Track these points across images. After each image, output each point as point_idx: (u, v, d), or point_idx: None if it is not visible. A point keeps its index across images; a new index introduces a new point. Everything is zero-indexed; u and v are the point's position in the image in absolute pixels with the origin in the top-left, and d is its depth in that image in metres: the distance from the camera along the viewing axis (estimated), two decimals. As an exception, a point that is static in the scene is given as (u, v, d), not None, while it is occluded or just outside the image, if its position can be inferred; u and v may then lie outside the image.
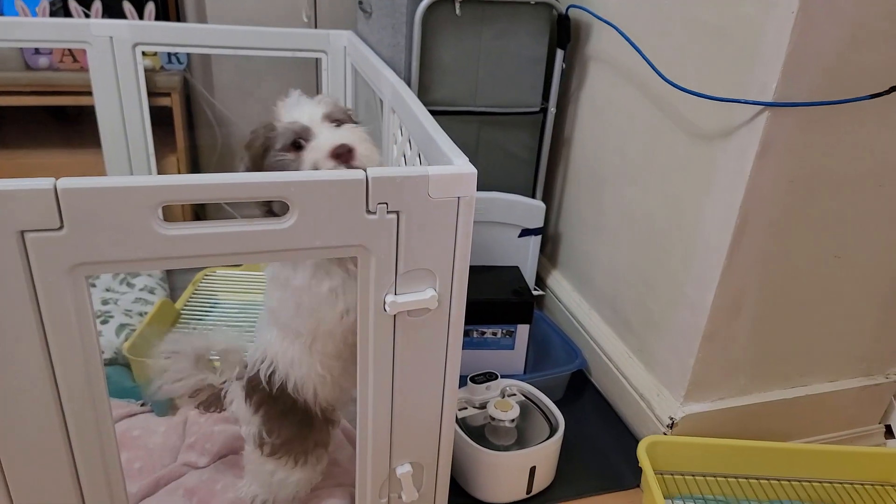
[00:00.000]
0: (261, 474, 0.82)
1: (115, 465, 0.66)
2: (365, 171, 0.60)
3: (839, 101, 0.80)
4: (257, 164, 0.72)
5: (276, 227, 0.59)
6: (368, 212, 0.62)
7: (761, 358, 1.01)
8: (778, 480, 1.00)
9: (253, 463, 0.83)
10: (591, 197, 1.23)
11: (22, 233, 0.51)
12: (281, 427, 0.79)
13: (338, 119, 0.73)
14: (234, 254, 0.59)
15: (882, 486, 1.00)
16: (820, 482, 1.00)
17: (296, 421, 0.79)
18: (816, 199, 0.88)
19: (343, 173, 0.60)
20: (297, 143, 0.71)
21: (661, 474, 0.98)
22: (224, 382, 0.85)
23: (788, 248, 0.91)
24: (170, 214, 1.52)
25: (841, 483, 1.00)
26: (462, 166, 0.65)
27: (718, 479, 0.99)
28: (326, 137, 0.70)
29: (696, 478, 0.99)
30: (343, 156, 0.68)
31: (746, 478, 1.00)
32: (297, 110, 0.72)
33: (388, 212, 0.62)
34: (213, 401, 0.87)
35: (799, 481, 1.00)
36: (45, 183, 0.50)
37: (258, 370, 0.79)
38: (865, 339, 1.06)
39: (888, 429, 1.14)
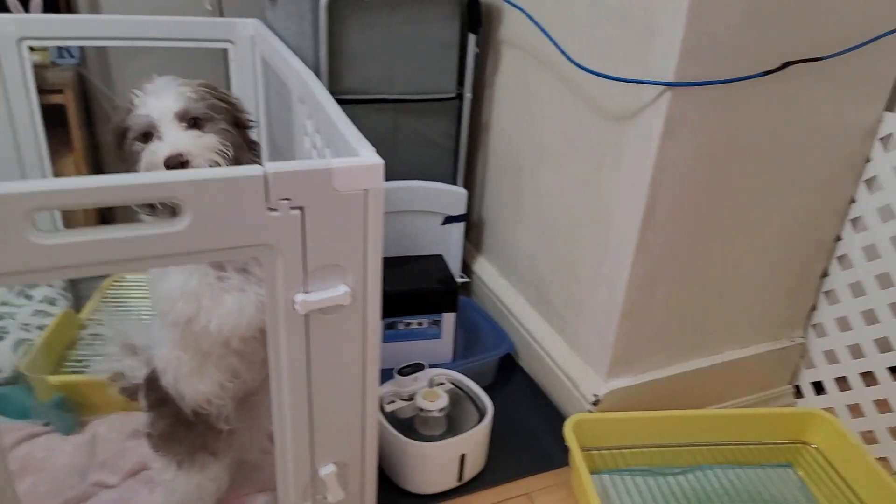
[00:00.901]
0: (156, 473, 0.80)
1: (10, 496, 0.61)
2: (263, 165, 0.58)
3: (734, 80, 0.83)
4: (117, 144, 0.70)
5: (169, 230, 0.56)
6: (270, 209, 0.59)
7: (678, 331, 1.04)
8: (698, 446, 1.04)
9: (150, 460, 0.80)
10: (512, 182, 1.24)
11: None
12: (158, 418, 0.77)
13: (195, 116, 0.69)
14: (123, 261, 0.55)
15: (794, 444, 1.06)
16: (738, 444, 1.05)
17: (171, 414, 0.76)
18: (721, 175, 0.92)
19: (238, 170, 0.57)
20: (147, 135, 0.68)
21: (588, 450, 1.00)
22: (139, 379, 0.81)
23: (697, 222, 0.94)
24: (72, 218, 1.42)
25: (757, 444, 1.05)
26: (368, 157, 0.63)
27: (643, 450, 1.02)
28: (167, 142, 0.67)
29: (622, 451, 1.02)
30: (175, 168, 0.65)
31: (669, 446, 1.03)
32: (153, 101, 0.69)
33: (291, 208, 0.60)
34: (134, 390, 0.83)
35: (717, 445, 1.04)
36: None
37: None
38: (770, 305, 1.11)
39: (797, 388, 1.21)
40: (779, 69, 0.84)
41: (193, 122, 0.70)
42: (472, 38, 1.20)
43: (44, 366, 0.99)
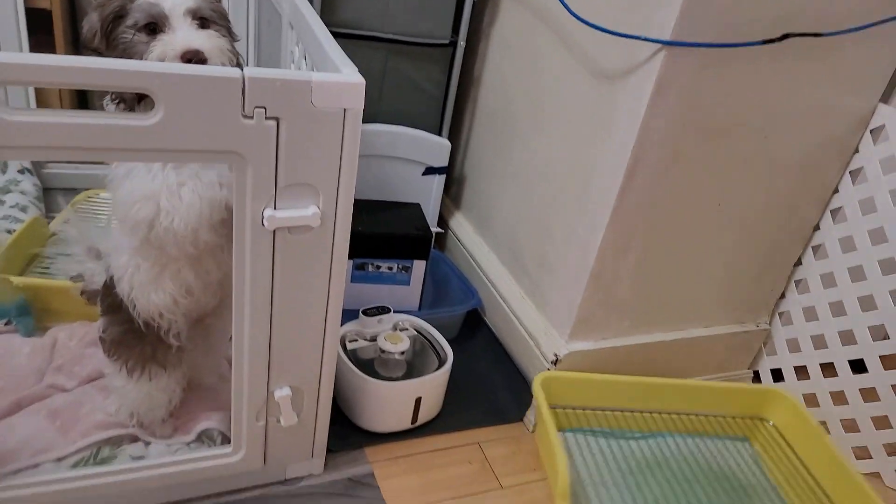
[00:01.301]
0: (108, 378, 0.81)
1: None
2: (242, 69, 0.57)
3: (733, 45, 0.82)
4: (103, 29, 0.66)
5: (140, 122, 0.55)
6: (244, 116, 0.58)
7: (644, 301, 1.06)
8: (660, 413, 1.07)
9: (103, 364, 0.81)
10: (497, 138, 1.23)
11: None
12: (112, 324, 0.77)
13: (203, 17, 0.67)
14: (90, 149, 0.54)
15: (752, 419, 1.10)
16: (698, 415, 1.08)
17: (124, 321, 0.76)
18: (704, 145, 0.92)
19: (218, 70, 0.56)
20: (152, 26, 0.65)
21: (554, 408, 1.02)
22: (98, 284, 0.81)
23: (674, 192, 0.95)
24: (45, 104, 1.37)
25: (716, 416, 1.09)
26: (349, 75, 0.62)
27: (606, 412, 1.05)
28: (182, 36, 0.64)
29: (586, 411, 1.04)
30: (192, 63, 0.63)
31: (631, 411, 1.06)
32: None
33: (266, 118, 0.59)
34: (94, 293, 0.82)
35: (679, 414, 1.07)
36: None
37: None
38: (739, 287, 1.13)
39: (755, 374, 1.24)
40: (778, 39, 0.83)
41: (202, 21, 0.67)
42: (472, -16, 1.18)
43: (9, 268, 0.97)
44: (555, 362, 1.03)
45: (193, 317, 0.78)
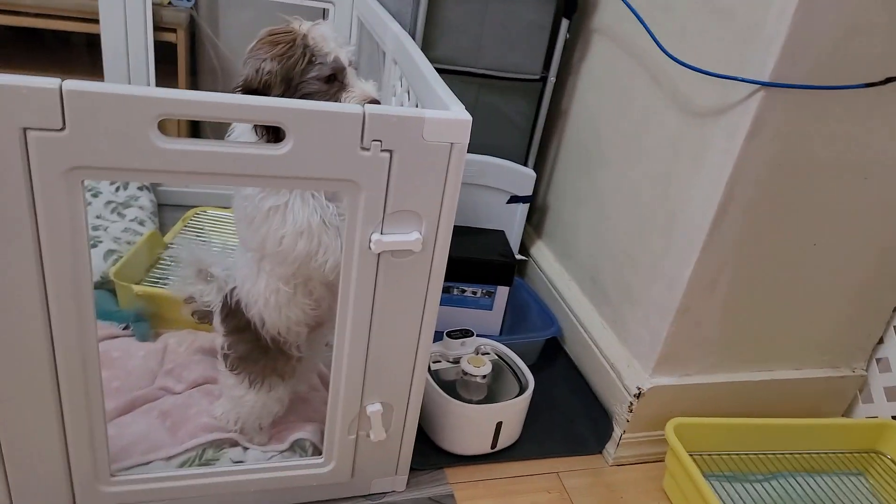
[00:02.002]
0: (227, 388, 0.86)
1: (95, 376, 0.68)
2: (363, 107, 0.62)
3: (834, 87, 0.82)
4: (286, 75, 0.72)
5: (272, 152, 0.61)
6: (363, 148, 0.63)
7: (731, 338, 1.04)
8: (780, 454, 1.06)
9: (221, 376, 0.87)
10: (583, 169, 1.25)
11: (24, 130, 0.53)
12: (237, 343, 0.83)
13: (355, 65, 0.76)
14: (227, 174, 0.61)
15: (867, 453, 1.08)
16: (815, 453, 1.07)
17: (249, 339, 0.82)
18: (800, 185, 0.91)
19: (342, 107, 0.62)
20: (333, 77, 0.73)
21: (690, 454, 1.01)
22: (210, 304, 0.88)
23: (768, 231, 0.94)
24: (165, 133, 1.51)
25: (833, 453, 1.08)
26: (457, 112, 0.67)
27: (731, 455, 1.04)
28: (363, 87, 0.73)
29: (713, 456, 1.04)
30: None
31: (755, 453, 1.05)
32: (334, 45, 0.73)
33: (381, 150, 0.64)
34: (204, 313, 0.89)
35: (797, 453, 1.07)
36: (51, 82, 0.52)
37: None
38: (834, 330, 1.09)
39: (846, 421, 1.18)
40: (881, 83, 0.82)
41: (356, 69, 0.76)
42: (564, 22, 1.21)
43: (129, 276, 1.07)
44: (638, 396, 1.03)
45: (312, 325, 0.84)
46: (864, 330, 1.11)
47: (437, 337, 1.04)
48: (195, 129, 1.61)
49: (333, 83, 0.73)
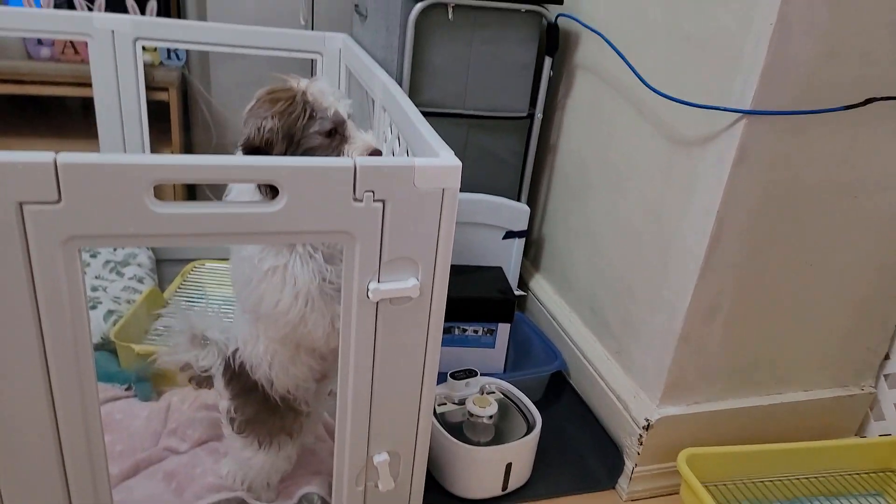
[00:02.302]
0: (234, 451, 0.85)
1: (99, 443, 0.67)
2: (353, 159, 0.63)
3: (814, 111, 0.83)
4: (288, 131, 0.73)
5: (266, 209, 0.61)
6: (355, 199, 0.64)
7: (736, 363, 1.03)
8: (797, 478, 1.05)
9: (228, 438, 0.85)
10: (575, 202, 1.26)
11: (21, 204, 0.53)
12: (245, 405, 0.82)
13: (353, 117, 0.78)
14: (223, 234, 0.61)
15: (884, 472, 1.07)
16: (833, 474, 1.06)
17: (257, 401, 0.81)
18: (791, 207, 0.92)
19: (333, 160, 0.63)
20: (334, 131, 0.74)
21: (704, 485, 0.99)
22: (208, 369, 0.87)
23: (763, 254, 0.94)
24: (161, 196, 1.53)
25: (851, 473, 1.06)
26: (447, 159, 0.67)
27: (747, 483, 1.03)
28: (363, 138, 0.75)
29: (728, 485, 1.02)
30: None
31: (771, 479, 1.04)
32: (332, 99, 0.75)
33: (374, 200, 0.65)
34: (203, 379, 0.89)
35: (814, 476, 1.05)
36: (45, 156, 0.53)
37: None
38: (838, 348, 1.09)
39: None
40: (861, 104, 0.84)
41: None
42: (548, 60, 1.24)
43: (130, 336, 1.07)
44: (647, 427, 1.02)
45: (318, 378, 0.84)
46: (870, 346, 1.11)
47: (441, 378, 1.04)
48: (191, 188, 1.63)
49: (335, 136, 0.75)
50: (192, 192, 1.63)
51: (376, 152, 0.73)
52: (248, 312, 0.78)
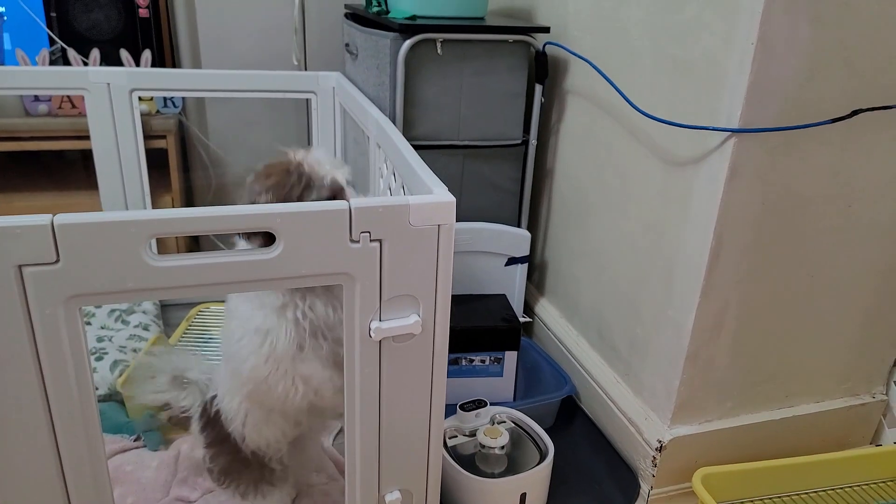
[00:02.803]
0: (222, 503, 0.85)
1: (108, 500, 0.67)
2: (348, 201, 0.64)
3: (801, 126, 0.84)
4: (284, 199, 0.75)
5: (263, 257, 0.62)
6: (352, 241, 0.65)
7: (745, 378, 1.03)
8: (815, 492, 1.03)
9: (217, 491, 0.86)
10: (575, 225, 1.27)
11: (20, 267, 0.54)
12: (218, 455, 0.82)
13: (352, 183, 0.79)
14: (223, 283, 0.61)
15: None
16: (853, 486, 1.04)
17: (231, 451, 0.81)
18: (787, 220, 0.92)
19: (327, 204, 0.63)
20: (333, 198, 0.76)
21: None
22: (187, 410, 0.88)
23: (764, 268, 0.94)
24: (164, 248, 1.55)
25: (870, 483, 1.05)
26: (441, 195, 0.68)
27: (765, 500, 1.01)
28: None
29: (745, 503, 1.00)
30: None
31: (789, 494, 1.02)
32: (329, 167, 0.77)
33: (371, 240, 0.65)
34: (182, 420, 0.89)
35: (835, 489, 1.04)
36: (42, 219, 0.53)
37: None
38: (847, 357, 1.08)
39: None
40: (847, 116, 0.84)
41: (353, 188, 0.80)
42: (538, 88, 1.25)
43: (137, 384, 1.07)
44: (659, 449, 1.00)
45: (294, 441, 0.83)
46: (878, 353, 1.10)
47: (451, 410, 1.03)
48: (195, 240, 1.65)
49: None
50: (195, 239, 1.65)
51: None
52: (226, 364, 0.79)
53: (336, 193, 0.76)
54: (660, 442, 1.01)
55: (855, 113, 0.84)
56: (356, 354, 0.70)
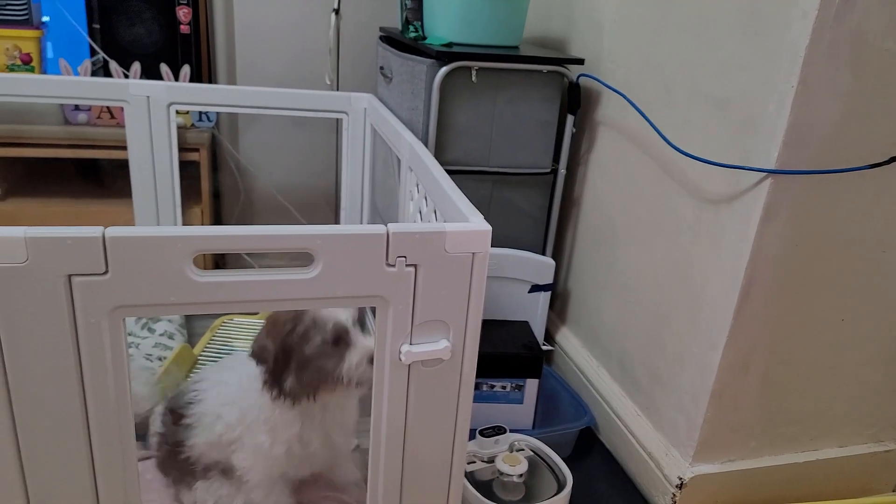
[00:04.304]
0: None
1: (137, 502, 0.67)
2: (386, 225, 0.65)
3: (839, 171, 0.84)
4: (284, 349, 0.81)
5: (302, 276, 0.63)
6: (388, 265, 0.65)
7: (770, 419, 1.01)
8: None
9: None
10: (600, 255, 1.27)
11: (69, 276, 0.55)
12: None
13: (360, 322, 0.84)
14: (261, 300, 0.62)
15: None
16: None
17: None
18: (820, 263, 0.91)
19: (365, 228, 0.64)
20: (339, 340, 0.81)
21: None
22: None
23: (794, 310, 0.94)
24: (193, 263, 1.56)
25: None
26: (477, 224, 0.69)
27: None
28: (364, 343, 0.82)
29: None
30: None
31: None
32: (341, 313, 0.82)
33: (406, 265, 0.66)
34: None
35: None
36: (94, 231, 0.55)
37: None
38: (873, 403, 1.06)
39: (902, 497, 1.13)
40: (887, 163, 0.84)
41: (361, 327, 0.85)
42: (570, 118, 1.26)
43: (162, 394, 1.08)
44: (680, 486, 0.99)
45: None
46: (907, 401, 1.08)
47: (470, 435, 1.03)
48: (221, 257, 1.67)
49: (340, 344, 0.81)
50: (221, 255, 1.67)
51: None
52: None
53: (342, 335, 0.81)
54: (680, 479, 0.99)
55: (894, 159, 0.84)
56: (385, 377, 0.71)
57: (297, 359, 0.81)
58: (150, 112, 1.31)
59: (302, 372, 0.81)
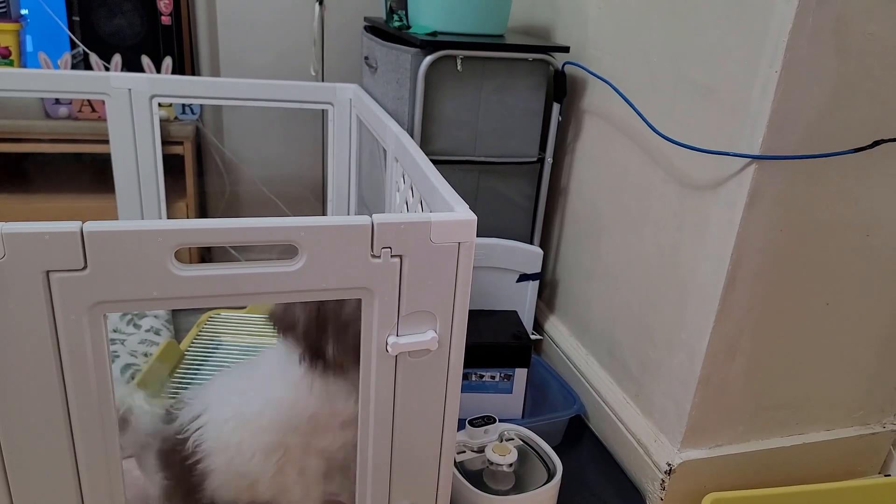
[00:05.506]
0: None
1: (120, 500, 0.67)
2: (371, 216, 0.64)
3: (823, 155, 0.84)
4: (330, 317, 0.80)
5: (286, 269, 0.62)
6: (373, 256, 0.65)
7: (757, 404, 1.02)
8: None
9: None
10: (588, 243, 1.27)
11: (48, 272, 0.54)
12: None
13: None
14: (245, 294, 0.62)
15: None
16: None
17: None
18: (805, 248, 0.92)
19: (349, 219, 0.64)
20: None
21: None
22: None
23: (780, 294, 0.94)
24: (177, 256, 1.55)
25: None
26: (463, 213, 0.68)
27: None
28: None
29: None
30: None
31: None
32: None
33: (391, 256, 0.66)
34: None
35: None
36: (71, 226, 0.54)
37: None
38: (859, 386, 1.07)
39: (888, 479, 1.14)
40: (870, 146, 0.85)
41: None
42: (556, 106, 1.26)
43: (148, 389, 1.07)
44: (669, 472, 1.00)
45: None
46: (891, 384, 1.09)
47: (460, 426, 1.03)
48: (207, 250, 1.66)
49: None
50: (207, 248, 1.66)
51: None
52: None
53: None
54: (669, 465, 1.00)
55: (877, 143, 0.84)
56: (372, 369, 0.70)
57: (333, 323, 0.77)
58: (132, 105, 1.30)
59: (343, 336, 0.77)
